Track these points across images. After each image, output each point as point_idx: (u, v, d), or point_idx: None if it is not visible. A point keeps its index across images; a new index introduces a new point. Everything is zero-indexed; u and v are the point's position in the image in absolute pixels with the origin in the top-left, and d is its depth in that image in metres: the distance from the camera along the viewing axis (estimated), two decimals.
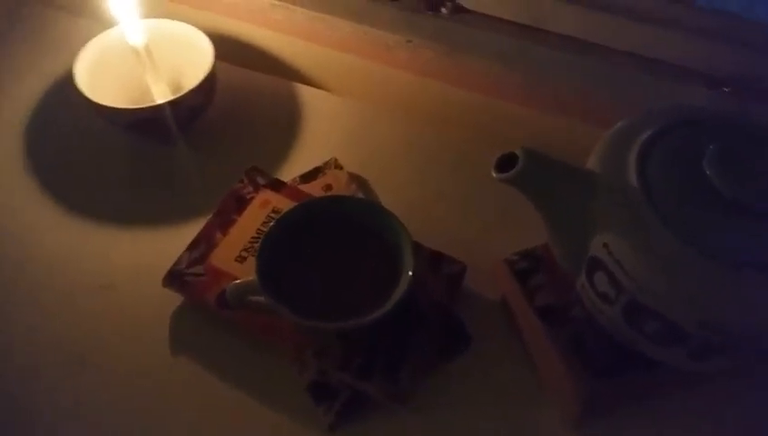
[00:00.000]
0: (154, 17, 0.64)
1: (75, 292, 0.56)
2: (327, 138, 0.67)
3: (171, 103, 0.60)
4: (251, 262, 0.53)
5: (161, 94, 0.65)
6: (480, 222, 0.60)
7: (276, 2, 0.68)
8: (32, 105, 0.69)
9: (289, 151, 0.65)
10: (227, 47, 0.67)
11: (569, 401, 0.49)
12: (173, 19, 0.65)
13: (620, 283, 0.41)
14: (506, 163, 0.42)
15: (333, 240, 0.50)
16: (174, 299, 0.54)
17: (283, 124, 0.67)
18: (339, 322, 0.44)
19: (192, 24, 0.65)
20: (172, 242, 0.56)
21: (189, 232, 0.57)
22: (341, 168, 0.62)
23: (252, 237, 0.56)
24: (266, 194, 0.58)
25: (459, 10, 0.67)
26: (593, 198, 0.42)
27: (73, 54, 0.62)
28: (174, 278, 0.53)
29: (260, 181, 0.59)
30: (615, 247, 0.40)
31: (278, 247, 0.48)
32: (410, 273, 0.46)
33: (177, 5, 0.72)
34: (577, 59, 0.64)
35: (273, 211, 0.57)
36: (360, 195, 0.61)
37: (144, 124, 0.62)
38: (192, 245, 0.55)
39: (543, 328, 0.50)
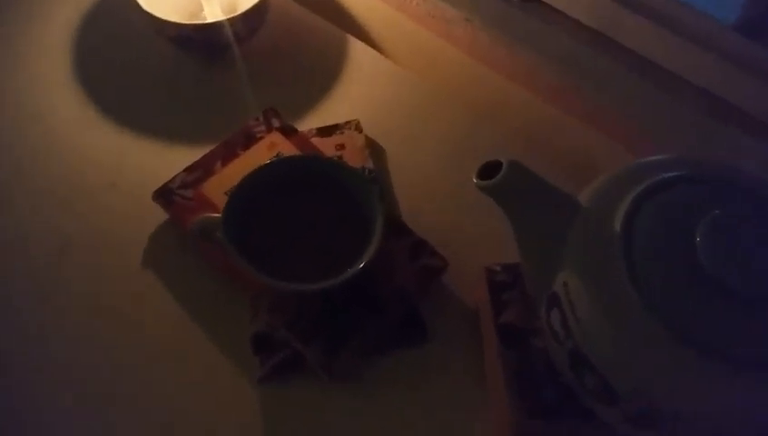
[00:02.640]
0: None
1: (84, 186, 0.58)
2: (359, 98, 0.65)
3: (218, 23, 0.60)
4: None
5: (211, 14, 0.65)
6: (485, 226, 0.57)
7: None
8: (86, 7, 0.71)
9: (317, 100, 0.65)
10: None
11: (504, 432, 0.47)
12: None
13: (569, 327, 0.38)
14: (490, 171, 0.40)
15: (309, 201, 0.49)
16: (163, 214, 0.56)
17: (321, 73, 0.66)
18: (283, 282, 0.44)
19: None
20: (181, 158, 0.57)
21: (195, 152, 0.57)
22: (361, 131, 0.61)
23: None
24: (275, 137, 0.58)
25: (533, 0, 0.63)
26: (570, 230, 0.39)
27: None
28: (164, 194, 0.55)
29: (275, 123, 0.59)
30: (573, 288, 0.37)
31: (253, 195, 0.48)
32: (361, 265, 0.44)
33: None
34: (638, 80, 0.59)
35: (278, 156, 0.57)
36: (370, 164, 0.59)
37: (187, 40, 0.62)
38: (191, 168, 0.56)
39: (499, 347, 0.47)
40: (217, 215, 0.46)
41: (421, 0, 0.64)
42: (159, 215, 0.56)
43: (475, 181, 0.40)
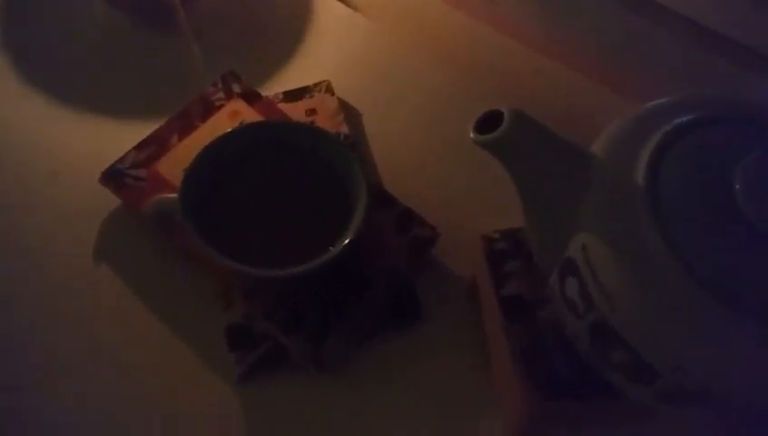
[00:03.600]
0: None
1: (20, 178, 0.51)
2: (327, 56, 0.59)
3: None
4: None
5: None
6: (477, 190, 0.52)
7: None
8: None
9: (282, 61, 0.58)
10: None
11: (516, 415, 0.42)
12: None
13: (590, 297, 0.33)
14: (488, 122, 0.34)
15: (280, 172, 0.43)
16: (114, 199, 0.49)
17: (284, 30, 0.60)
18: (255, 268, 0.38)
19: None
20: (127, 135, 0.50)
21: (147, 127, 0.50)
22: (333, 93, 0.55)
23: None
24: (237, 104, 0.51)
25: None
26: (586, 188, 0.34)
27: None
28: (112, 176, 0.48)
29: (236, 88, 0.52)
30: (594, 252, 0.32)
31: (212, 172, 0.41)
32: (345, 244, 0.38)
33: None
34: (630, 16, 0.53)
35: (242, 124, 0.50)
36: (345, 129, 0.53)
37: (125, 0, 0.55)
38: (142, 144, 0.49)
39: (504, 323, 0.43)
40: (174, 196, 0.40)
41: None
42: (109, 201, 0.49)
43: (472, 135, 0.35)
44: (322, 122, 0.53)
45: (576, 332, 0.36)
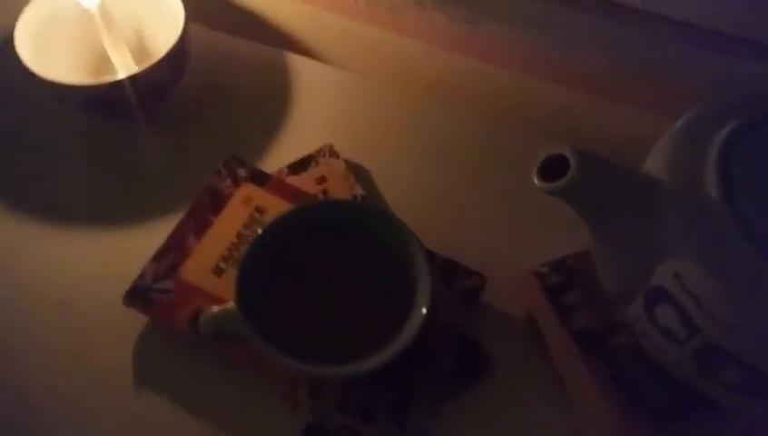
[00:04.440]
0: None
1: (25, 317, 0.47)
2: (321, 119, 0.57)
3: (133, 77, 0.49)
4: (231, 274, 0.45)
5: (122, 65, 0.55)
6: (501, 226, 0.51)
7: None
8: None
9: (275, 134, 0.56)
10: (202, 6, 0.56)
11: None
12: None
13: (694, 322, 0.33)
14: (552, 167, 0.33)
15: (330, 256, 0.41)
16: (140, 318, 0.45)
17: (269, 102, 0.57)
18: (338, 366, 0.36)
19: None
20: (139, 246, 0.47)
21: (157, 233, 0.47)
22: (338, 156, 0.53)
23: (232, 243, 0.46)
24: (247, 189, 0.49)
25: None
26: (662, 215, 0.33)
27: (12, 17, 0.51)
28: (137, 296, 0.44)
29: (241, 173, 0.50)
30: (692, 279, 0.32)
31: (263, 265, 0.39)
32: (424, 311, 0.37)
33: None
34: (612, 27, 0.54)
35: (257, 209, 0.48)
36: (359, 190, 0.51)
37: (102, 103, 0.52)
38: (160, 254, 0.46)
39: (582, 358, 0.42)
40: (227, 306, 0.37)
41: None
42: (136, 321, 0.45)
43: (537, 184, 0.34)
44: (334, 187, 0.51)
45: (675, 359, 0.36)
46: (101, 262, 0.49)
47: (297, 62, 0.60)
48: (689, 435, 0.41)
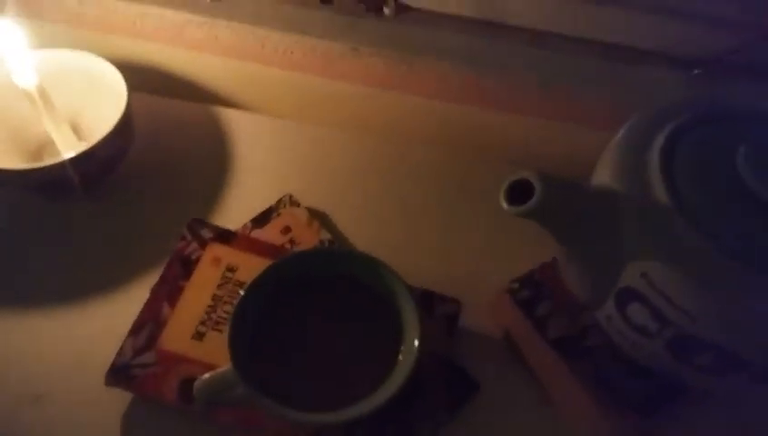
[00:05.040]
0: (44, 47, 0.53)
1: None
2: (273, 170, 0.58)
3: (75, 159, 0.48)
4: (212, 338, 0.45)
5: (64, 142, 0.54)
6: (464, 248, 0.54)
7: (193, 17, 0.57)
8: None
9: (232, 191, 0.56)
10: (139, 74, 0.56)
11: None
12: (72, 47, 0.54)
13: (664, 316, 0.36)
14: (517, 190, 0.36)
15: (315, 305, 0.41)
16: (122, 395, 0.44)
17: (218, 159, 0.58)
18: (341, 412, 0.36)
19: (94, 51, 0.54)
20: (111, 324, 0.46)
21: (129, 308, 0.46)
22: (299, 205, 0.54)
23: (209, 306, 0.46)
24: (215, 250, 0.49)
25: (403, 9, 0.60)
26: (621, 222, 0.36)
27: None
28: (119, 374, 0.43)
29: (206, 234, 0.50)
30: (658, 277, 0.35)
31: (251, 324, 0.39)
32: (416, 342, 0.38)
33: (72, 30, 0.60)
34: (537, 52, 0.58)
35: (228, 268, 0.48)
36: (325, 235, 0.52)
37: (46, 187, 0.50)
38: (136, 328, 0.45)
39: (564, 363, 0.44)
40: (223, 369, 0.37)
41: (298, 44, 0.58)
42: (117, 401, 0.44)
43: (506, 207, 0.36)
44: (300, 235, 0.52)
45: (647, 352, 0.39)
46: (72, 346, 0.47)
47: (240, 117, 0.61)
48: (670, 424, 0.44)
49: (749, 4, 0.55)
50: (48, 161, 0.48)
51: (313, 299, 0.41)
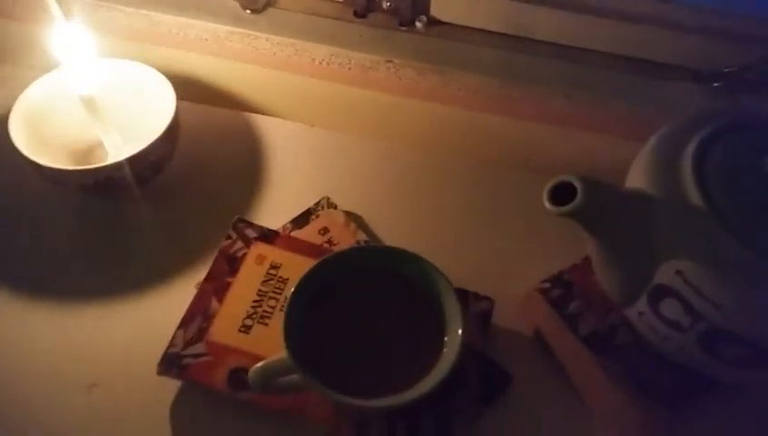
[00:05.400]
0: (97, 57, 0.56)
1: (55, 405, 0.47)
2: (310, 174, 0.60)
3: (130, 159, 0.51)
4: (258, 331, 0.47)
5: (114, 148, 0.56)
6: (494, 250, 0.56)
7: (235, 29, 0.60)
8: None
9: (271, 194, 0.59)
10: (184, 84, 0.59)
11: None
12: (119, 57, 0.57)
13: (697, 311, 0.38)
14: (560, 192, 0.38)
15: (362, 298, 0.44)
16: (170, 385, 0.46)
17: (260, 164, 0.60)
18: (389, 398, 0.38)
19: (139, 61, 0.57)
20: (159, 317, 0.48)
21: (176, 303, 0.49)
22: (335, 207, 0.56)
23: (254, 301, 0.49)
24: (259, 248, 0.51)
25: (435, 23, 0.63)
26: (657, 223, 0.39)
27: (3, 108, 0.53)
28: (171, 363, 0.45)
29: (250, 234, 0.52)
30: (692, 274, 0.37)
31: (302, 317, 0.41)
32: (460, 332, 0.40)
33: (121, 41, 0.63)
34: (562, 64, 0.61)
35: (272, 266, 0.50)
36: (361, 236, 0.55)
37: (100, 186, 0.53)
38: (186, 321, 0.47)
39: (594, 359, 0.46)
40: (278, 357, 0.39)
41: (334, 56, 0.60)
42: (166, 390, 0.46)
43: (549, 207, 0.38)
44: (338, 235, 0.55)
45: (678, 345, 0.41)
46: (124, 338, 0.49)
47: (280, 125, 0.63)
48: (701, 418, 0.46)
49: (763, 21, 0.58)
50: (106, 161, 0.51)
51: (359, 294, 0.43)
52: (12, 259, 0.54)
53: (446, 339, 0.41)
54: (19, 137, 0.51)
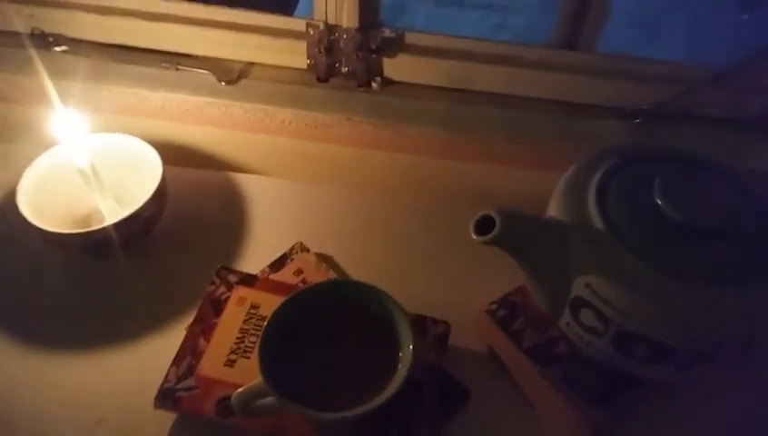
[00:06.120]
0: (91, 132, 0.64)
1: (66, 432, 0.53)
2: (284, 223, 0.68)
3: (123, 221, 0.58)
4: (242, 364, 0.54)
5: (110, 211, 0.64)
6: (450, 278, 0.63)
7: (212, 99, 0.69)
8: None
9: (249, 242, 0.66)
10: (169, 150, 0.67)
11: (576, 432, 0.52)
12: (111, 131, 0.65)
13: (607, 317, 0.45)
14: (483, 224, 0.45)
15: (326, 326, 0.51)
16: (167, 416, 0.53)
17: (239, 217, 0.68)
18: (357, 409, 0.45)
19: (129, 133, 0.65)
20: (154, 358, 0.55)
21: (168, 344, 0.55)
22: (308, 250, 0.63)
23: (237, 338, 0.55)
24: (240, 291, 0.58)
25: (388, 83, 0.71)
26: (567, 244, 0.46)
27: (10, 182, 0.60)
28: (166, 397, 0.52)
29: (232, 279, 0.59)
30: (598, 286, 0.44)
31: (275, 345, 0.48)
32: (411, 347, 0.47)
33: (111, 116, 0.71)
34: (501, 111, 0.69)
35: (252, 306, 0.57)
36: (332, 274, 0.62)
37: (98, 246, 0.60)
38: (178, 358, 0.54)
39: (535, 369, 0.53)
40: (255, 383, 0.46)
41: (300, 117, 0.69)
42: (163, 422, 0.52)
43: (474, 237, 0.46)
44: (311, 275, 0.62)
45: (599, 349, 0.47)
46: (125, 378, 0.56)
47: (255, 181, 0.71)
48: (628, 416, 0.52)
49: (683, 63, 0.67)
50: (102, 224, 0.58)
51: (324, 322, 0.50)
52: (23, 314, 0.60)
53: (400, 355, 0.48)
54: (26, 207, 0.58)
